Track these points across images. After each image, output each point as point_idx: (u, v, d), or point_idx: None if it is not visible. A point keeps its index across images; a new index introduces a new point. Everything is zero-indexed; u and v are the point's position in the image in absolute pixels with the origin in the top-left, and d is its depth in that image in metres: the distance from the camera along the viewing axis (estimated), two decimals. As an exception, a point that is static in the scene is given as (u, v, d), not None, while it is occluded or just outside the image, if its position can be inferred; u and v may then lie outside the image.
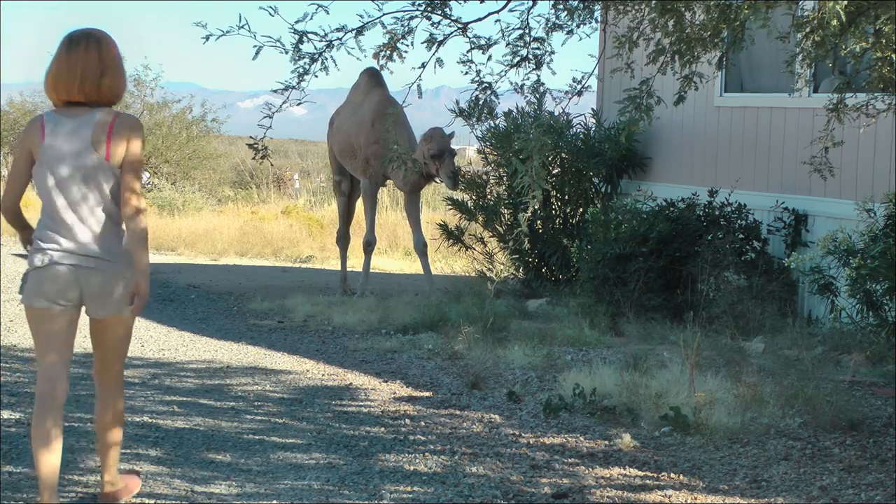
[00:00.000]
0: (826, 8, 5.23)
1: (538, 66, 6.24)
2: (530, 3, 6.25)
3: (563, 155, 11.90)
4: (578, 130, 12.21)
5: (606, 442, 6.27)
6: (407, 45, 6.13)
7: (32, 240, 4.69)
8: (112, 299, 4.60)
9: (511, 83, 6.39)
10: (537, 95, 6.68)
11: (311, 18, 6.11)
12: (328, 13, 6.11)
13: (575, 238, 11.10)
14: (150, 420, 6.47)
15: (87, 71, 4.56)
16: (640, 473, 5.72)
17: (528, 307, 10.77)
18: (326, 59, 6.23)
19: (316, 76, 6.30)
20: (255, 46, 6.13)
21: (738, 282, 9.01)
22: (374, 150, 11.75)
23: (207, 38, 6.20)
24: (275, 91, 6.32)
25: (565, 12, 6.20)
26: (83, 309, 4.68)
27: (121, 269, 4.59)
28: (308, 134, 54.44)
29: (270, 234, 18.43)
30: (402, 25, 6.10)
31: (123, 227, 4.61)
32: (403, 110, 7.80)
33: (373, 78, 12.15)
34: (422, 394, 7.54)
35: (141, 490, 5.19)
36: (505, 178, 12.19)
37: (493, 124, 11.93)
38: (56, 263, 4.56)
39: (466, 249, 12.85)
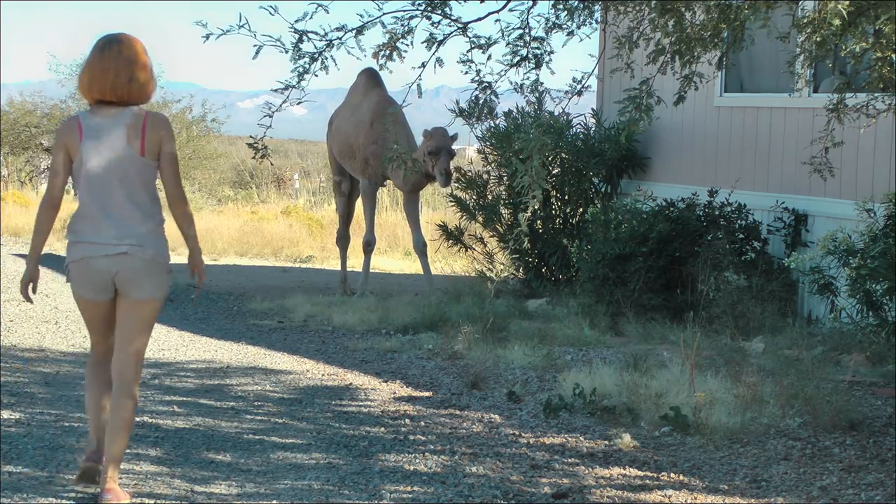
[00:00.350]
0: (827, 8, 5.23)
1: (538, 65, 6.24)
2: (530, 2, 6.26)
3: (563, 155, 11.89)
4: (578, 130, 12.21)
5: (606, 442, 6.27)
6: (407, 45, 6.13)
7: (35, 279, 5.08)
8: (141, 283, 4.94)
9: (511, 83, 6.40)
10: (537, 95, 6.68)
11: (311, 18, 6.12)
12: (328, 13, 6.12)
13: (575, 238, 11.10)
14: (150, 420, 6.47)
15: (119, 73, 4.90)
16: (640, 473, 5.72)
17: (528, 307, 10.77)
18: (326, 58, 6.23)
19: (316, 75, 6.30)
20: (256, 46, 6.14)
21: (738, 282, 9.01)
22: (373, 151, 11.75)
23: (207, 37, 6.20)
24: (275, 90, 6.32)
25: (565, 12, 6.20)
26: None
27: (149, 254, 4.93)
28: (308, 134, 54.44)
29: (270, 234, 18.42)
30: (401, 25, 6.10)
31: (153, 217, 4.97)
32: (402, 110, 7.79)
33: (371, 78, 12.16)
34: (422, 394, 7.54)
35: (141, 490, 5.19)
36: (505, 178, 12.19)
37: (493, 124, 11.91)
38: (91, 257, 4.93)
39: (466, 249, 12.84)
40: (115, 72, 4.89)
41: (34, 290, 5.08)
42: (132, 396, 4.98)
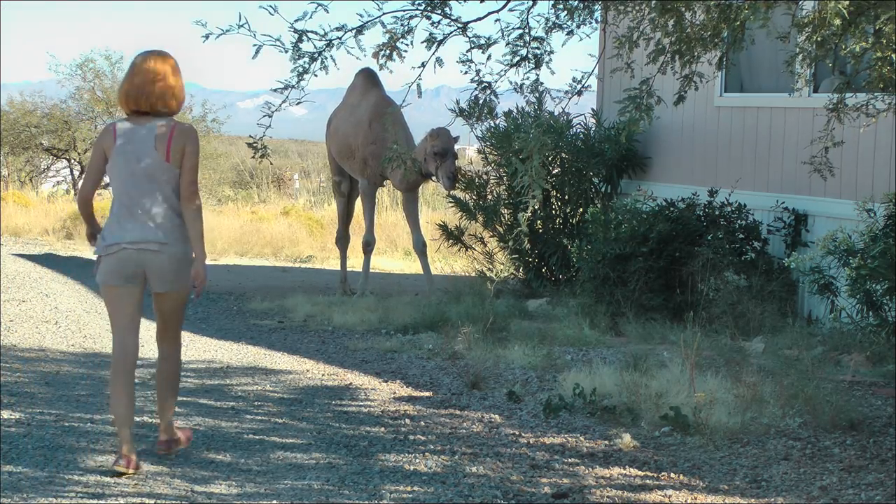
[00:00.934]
0: (827, 7, 5.23)
1: (538, 65, 6.23)
2: (530, 2, 6.25)
3: (563, 155, 11.89)
4: (578, 130, 12.21)
5: (606, 442, 6.27)
6: (407, 45, 6.13)
7: (97, 235, 5.62)
8: (170, 276, 5.53)
9: (511, 83, 6.39)
10: (537, 95, 6.68)
11: (311, 17, 6.11)
12: (328, 12, 6.11)
13: (575, 238, 11.09)
14: (150, 420, 6.46)
15: (154, 87, 5.51)
16: (640, 473, 5.72)
17: (528, 307, 10.77)
18: (326, 58, 6.23)
19: (315, 75, 6.29)
20: (255, 46, 6.13)
21: (737, 282, 9.01)
22: (372, 151, 11.76)
23: (207, 36, 6.19)
24: (274, 90, 6.32)
25: (565, 12, 6.19)
26: (146, 286, 5.61)
27: (177, 251, 5.52)
28: (308, 134, 54.42)
29: (270, 234, 18.43)
30: (401, 25, 6.10)
31: (179, 216, 5.52)
32: (401, 110, 7.79)
33: (369, 78, 12.17)
34: (422, 394, 7.54)
35: (141, 490, 5.19)
36: (505, 178, 12.19)
37: (493, 124, 11.91)
38: (124, 249, 5.47)
39: (466, 249, 12.84)
40: (150, 86, 5.50)
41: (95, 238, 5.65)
42: (178, 374, 5.77)
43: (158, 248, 5.47)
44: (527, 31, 6.22)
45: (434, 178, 11.49)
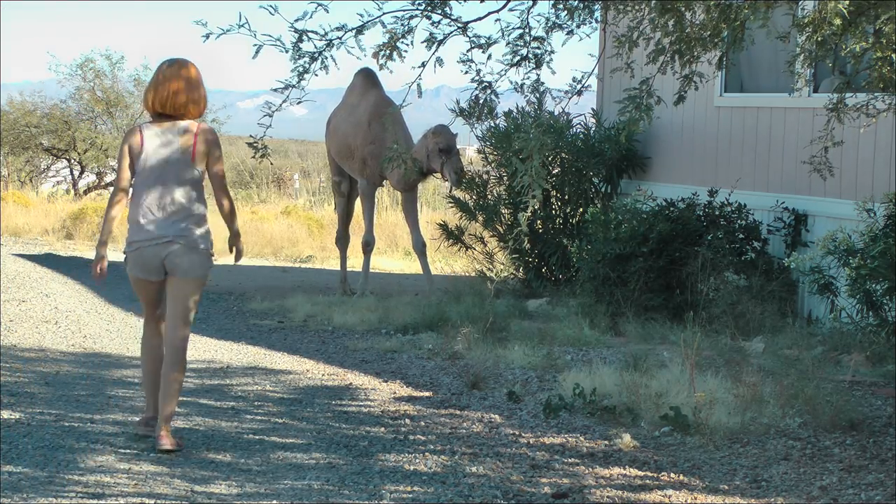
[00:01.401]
0: (828, 7, 5.23)
1: (538, 65, 6.23)
2: (530, 2, 6.25)
3: (563, 155, 11.89)
4: (578, 130, 12.21)
5: (606, 442, 6.27)
6: (407, 45, 6.12)
7: (102, 264, 6.01)
8: (185, 264, 5.94)
9: (511, 83, 6.39)
10: (537, 95, 6.68)
11: (311, 17, 6.11)
12: (328, 12, 6.11)
13: (575, 238, 11.10)
14: (149, 420, 6.47)
15: (178, 92, 5.94)
16: (640, 473, 5.72)
17: (528, 307, 10.77)
18: (326, 58, 6.22)
19: (316, 75, 6.29)
20: (255, 45, 6.13)
21: (737, 282, 9.01)
22: (371, 151, 11.77)
23: (207, 36, 6.19)
24: (275, 90, 6.32)
25: (565, 12, 6.19)
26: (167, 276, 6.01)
27: (193, 241, 5.94)
28: (308, 134, 54.40)
29: (270, 234, 18.42)
30: (402, 25, 6.10)
31: (198, 211, 5.97)
32: (400, 110, 7.79)
33: (368, 78, 12.17)
34: (422, 394, 7.54)
35: (141, 490, 5.19)
36: (505, 178, 12.19)
37: (493, 124, 11.93)
38: (147, 246, 5.91)
39: (466, 249, 12.84)
40: (175, 91, 5.92)
41: (103, 271, 6.01)
42: (181, 364, 6.02)
43: (173, 238, 5.90)
44: (527, 30, 6.22)
45: (440, 175, 11.48)
